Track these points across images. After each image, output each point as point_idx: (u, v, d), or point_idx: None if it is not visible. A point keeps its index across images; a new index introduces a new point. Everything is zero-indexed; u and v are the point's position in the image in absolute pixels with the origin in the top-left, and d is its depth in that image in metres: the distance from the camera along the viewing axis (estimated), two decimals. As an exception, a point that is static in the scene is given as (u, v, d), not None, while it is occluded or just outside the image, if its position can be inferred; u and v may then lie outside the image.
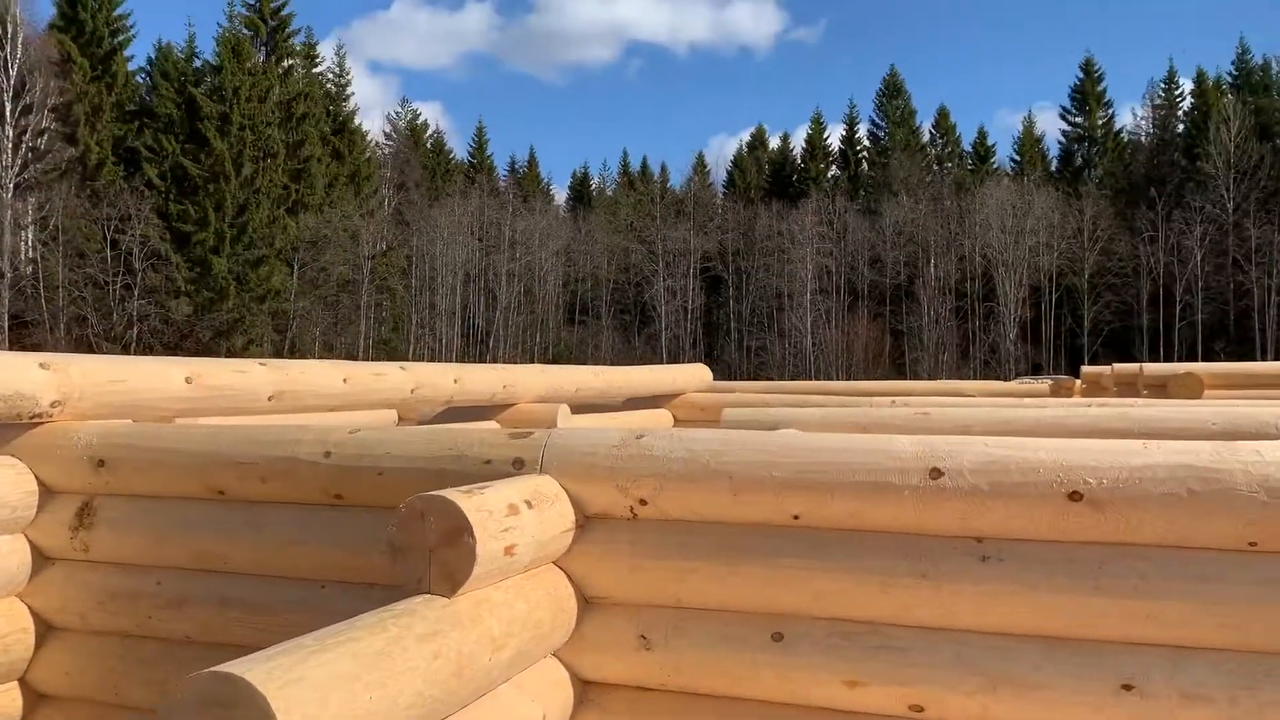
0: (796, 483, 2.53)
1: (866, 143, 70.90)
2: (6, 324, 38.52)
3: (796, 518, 2.56)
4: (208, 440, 3.12)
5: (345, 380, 4.66)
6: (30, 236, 41.60)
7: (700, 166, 75.95)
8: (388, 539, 2.34)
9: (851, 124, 72.07)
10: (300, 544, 3.01)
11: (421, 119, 70.36)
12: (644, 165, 79.35)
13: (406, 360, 49.42)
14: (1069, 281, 54.33)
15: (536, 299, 58.04)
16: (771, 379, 45.30)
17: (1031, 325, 53.51)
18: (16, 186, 40.83)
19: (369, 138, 54.37)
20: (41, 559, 3.32)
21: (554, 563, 2.69)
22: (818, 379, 46.37)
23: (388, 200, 52.94)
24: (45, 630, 3.31)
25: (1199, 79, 60.86)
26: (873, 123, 71.59)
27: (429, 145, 69.42)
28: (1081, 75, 66.43)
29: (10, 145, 40.85)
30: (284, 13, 47.23)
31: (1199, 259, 49.85)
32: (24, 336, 39.63)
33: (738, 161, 74.08)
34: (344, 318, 47.10)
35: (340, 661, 1.83)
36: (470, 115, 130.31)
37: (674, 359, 54.30)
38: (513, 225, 57.33)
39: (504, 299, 55.47)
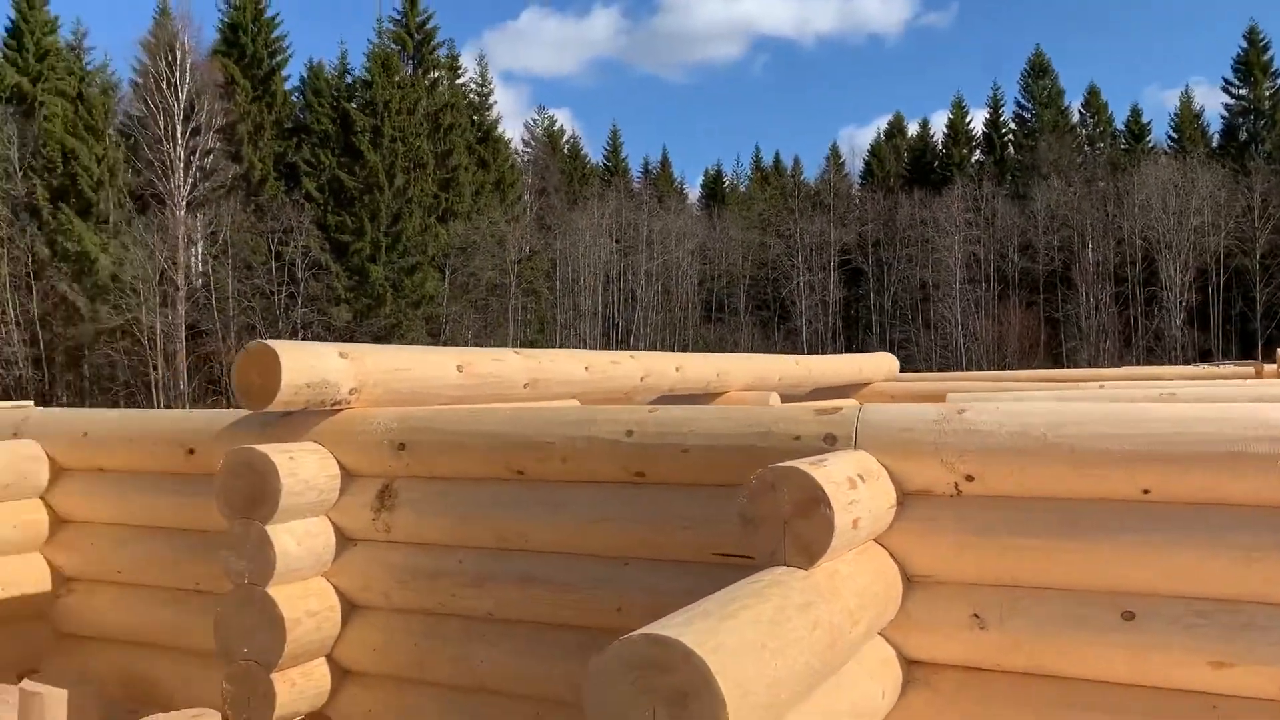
0: (1149, 455, 2.42)
1: (1012, 125, 68.47)
2: (184, 334, 40.87)
3: (1147, 492, 2.44)
4: (508, 423, 3.20)
5: (587, 368, 4.73)
6: (200, 250, 44.04)
7: (835, 158, 74.90)
8: (739, 511, 2.33)
9: (996, 107, 69.60)
10: (601, 522, 3.05)
11: (558, 125, 71.56)
12: (776, 160, 78.68)
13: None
14: (1238, 263, 51.25)
15: (674, 297, 58.20)
16: (918, 371, 44.20)
17: (1198, 310, 50.67)
18: (188, 204, 43.28)
19: (511, 145, 55.54)
20: (343, 540, 3.46)
21: (875, 540, 2.65)
22: (970, 370, 45.01)
23: (530, 206, 53.95)
24: (349, 609, 3.45)
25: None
26: (1018, 104, 69.00)
27: (565, 150, 70.47)
28: (1245, 45, 62.51)
29: (181, 165, 43.33)
30: (428, 26, 48.71)
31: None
32: (199, 345, 41.97)
33: (875, 151, 72.56)
34: (493, 320, 48.21)
35: (745, 629, 1.83)
36: (599, 120, 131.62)
37: (816, 353, 53.49)
38: (649, 225, 57.64)
39: (643, 298, 55.82)
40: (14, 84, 44.58)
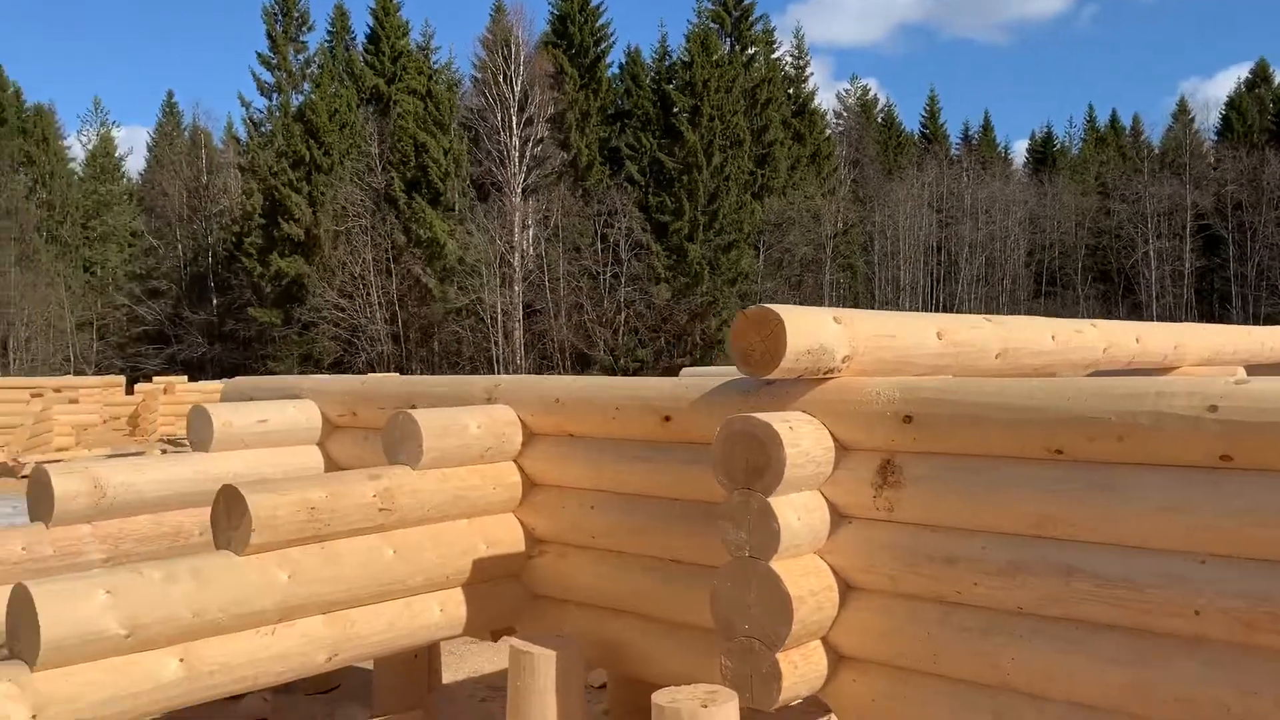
0: None
1: None
2: (520, 312, 43.68)
3: None
4: (1046, 396, 2.84)
5: (1053, 338, 4.28)
6: (533, 234, 46.79)
7: (1183, 113, 67.76)
8: None
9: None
10: (1171, 511, 2.63)
11: (870, 94, 69.71)
12: (1113, 118, 72.42)
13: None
14: None
15: (1002, 269, 55.09)
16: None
17: None
18: (522, 191, 46.11)
19: (825, 117, 54.69)
20: (837, 516, 3.26)
21: None
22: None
23: (844, 179, 52.94)
24: (845, 589, 3.24)
25: None
26: None
27: (879, 120, 68.54)
28: None
29: (516, 154, 46.19)
30: (745, 2, 48.83)
31: None
32: (533, 323, 44.69)
33: (1234, 103, 64.92)
34: (807, 297, 47.80)
35: None
36: (909, 88, 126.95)
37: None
38: (973, 194, 54.85)
39: (966, 271, 53.29)
40: (372, 85, 49.36)
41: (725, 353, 43.44)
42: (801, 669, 3.16)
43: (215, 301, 49.97)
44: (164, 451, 18.21)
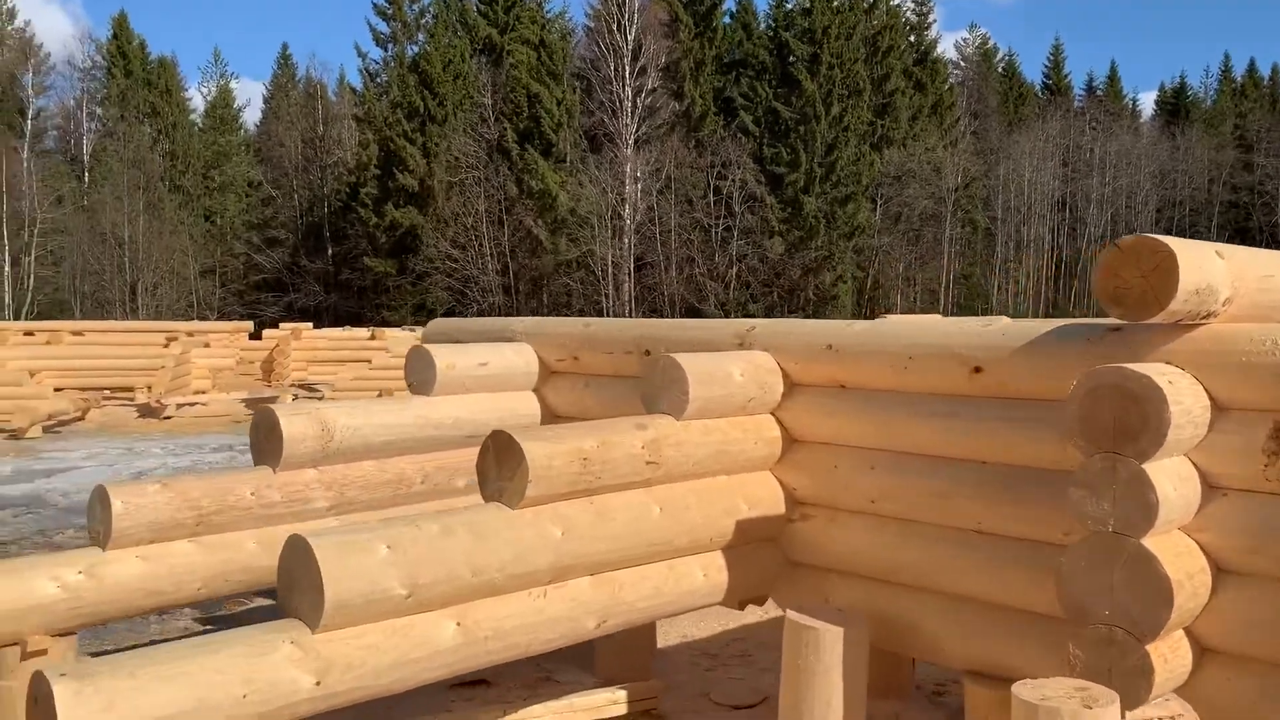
0: None
1: None
2: (631, 265, 43.33)
3: None
4: None
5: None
6: (645, 186, 46.25)
7: None
8: None
9: None
10: None
11: (990, 43, 66.90)
12: (1251, 67, 68.28)
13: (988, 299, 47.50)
14: None
15: (1129, 226, 52.53)
16: None
17: None
18: (634, 142, 45.54)
19: (948, 67, 52.60)
20: (1207, 487, 2.78)
21: None
22: None
23: (965, 130, 50.97)
24: (1215, 572, 2.77)
25: None
26: None
27: (1000, 70, 65.81)
28: None
29: (629, 105, 45.59)
30: (865, -54, 47.09)
31: None
32: (644, 276, 44.32)
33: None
34: (926, 252, 46.43)
35: None
36: (1026, 37, 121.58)
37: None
38: (1103, 146, 52.29)
39: (1093, 228, 50.99)
40: (485, 35, 49.16)
41: (838, 308, 42.49)
42: (1171, 663, 2.71)
43: (330, 251, 50.83)
44: (295, 398, 18.43)
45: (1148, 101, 74.82)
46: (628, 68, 45.21)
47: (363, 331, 23.65)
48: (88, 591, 3.60)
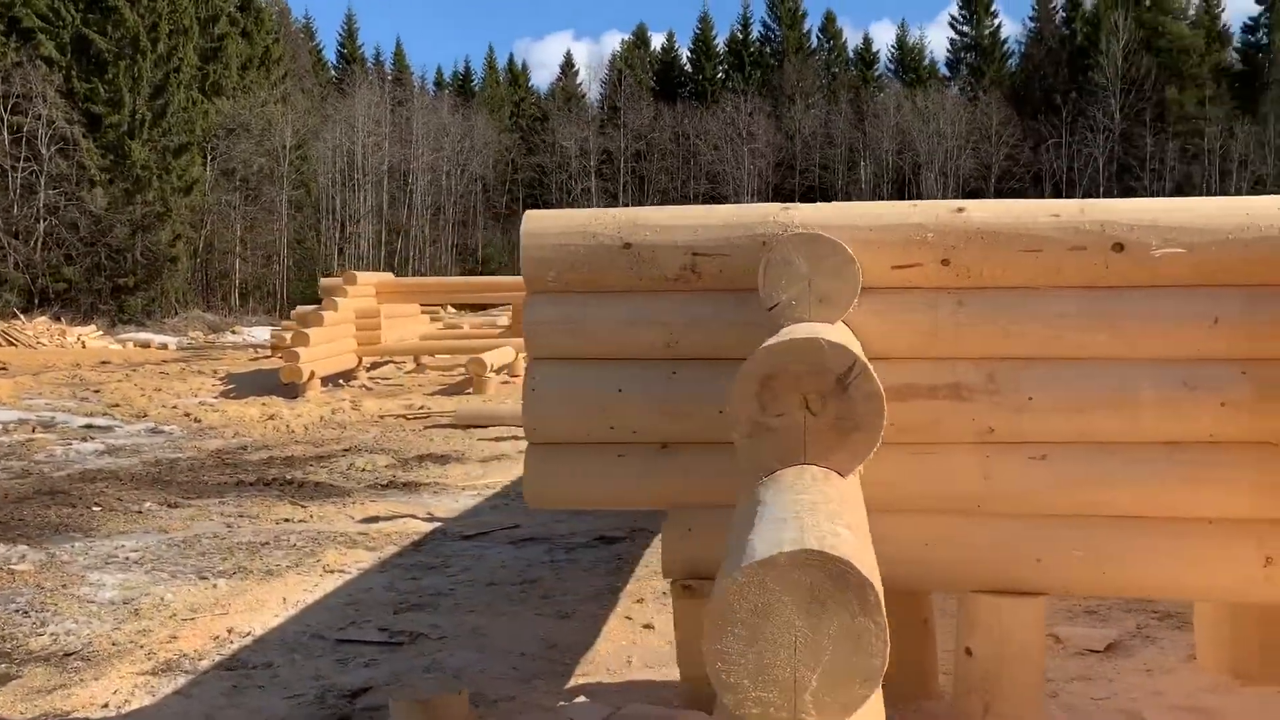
0: None
1: (760, 45, 70.74)
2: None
3: None
4: None
5: None
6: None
7: (568, 67, 74.43)
8: None
9: (746, 25, 71.64)
10: None
11: (285, 3, 65.13)
12: (510, 62, 77.10)
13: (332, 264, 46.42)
14: (975, 186, 56.42)
15: (451, 195, 55.45)
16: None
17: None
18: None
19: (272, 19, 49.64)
20: None
21: None
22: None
23: (292, 87, 48.84)
24: None
25: (1081, -7, 63.38)
26: (764, 25, 71.50)
27: (299, 33, 64.50)
28: (971, -15, 67.97)
29: None
30: None
31: (1100, 166, 52.74)
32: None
33: (619, 62, 72.09)
34: (262, 213, 43.55)
35: None
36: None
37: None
38: (424, 120, 54.25)
39: (420, 198, 52.70)
40: None
41: (176, 271, 37.98)
42: None
43: None
44: None
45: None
46: None
47: None
48: None
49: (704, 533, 3.31)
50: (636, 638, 4.45)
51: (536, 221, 3.39)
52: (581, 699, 3.70)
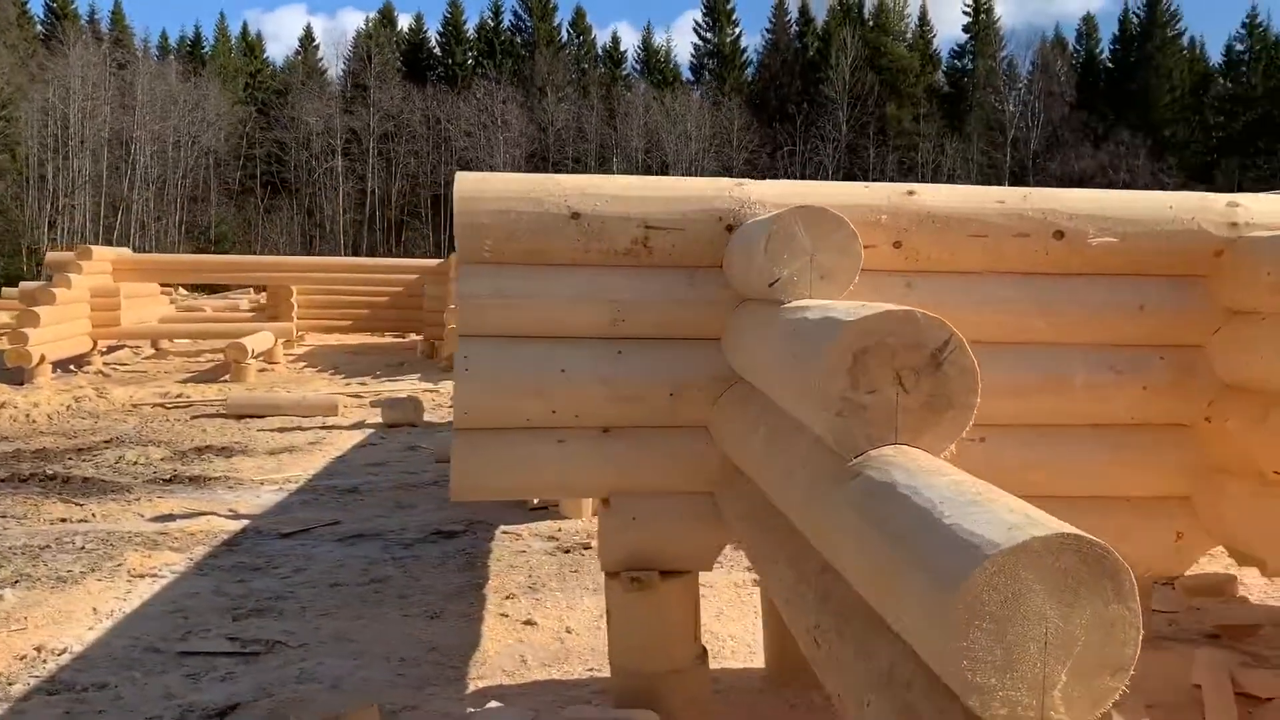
0: None
1: (511, 34, 70.26)
2: None
3: None
4: None
5: None
6: None
7: (309, 41, 71.10)
8: None
9: (497, 13, 70.93)
10: None
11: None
12: (245, 31, 72.67)
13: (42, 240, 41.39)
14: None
15: (179, 168, 51.30)
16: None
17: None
18: None
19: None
20: None
21: None
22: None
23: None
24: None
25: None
26: (515, 14, 71.09)
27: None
28: (717, -7, 70.54)
29: None
30: None
31: (830, 175, 56.27)
32: None
33: (365, 40, 69.49)
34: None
35: None
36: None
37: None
38: (149, 85, 49.92)
39: (142, 170, 48.39)
40: None
41: None
42: None
43: None
44: None
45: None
46: None
47: None
48: None
49: (650, 522, 3.14)
50: (522, 635, 4.20)
51: (471, 184, 3.08)
52: (494, 704, 3.43)
